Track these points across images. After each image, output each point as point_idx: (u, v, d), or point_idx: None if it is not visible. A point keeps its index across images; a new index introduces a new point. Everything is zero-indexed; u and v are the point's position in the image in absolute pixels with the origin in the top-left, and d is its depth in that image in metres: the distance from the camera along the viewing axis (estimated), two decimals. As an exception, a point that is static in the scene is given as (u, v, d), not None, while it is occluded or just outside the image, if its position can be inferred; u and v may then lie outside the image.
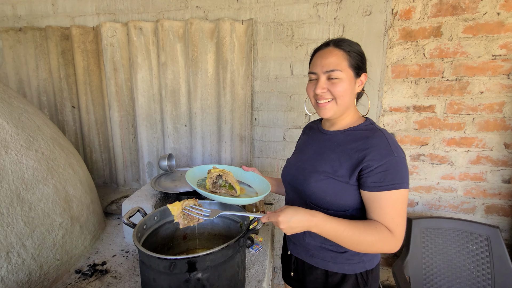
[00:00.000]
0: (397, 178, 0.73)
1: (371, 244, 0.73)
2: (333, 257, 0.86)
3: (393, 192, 0.72)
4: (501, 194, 1.53)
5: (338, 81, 0.79)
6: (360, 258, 0.85)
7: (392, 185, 0.72)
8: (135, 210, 0.89)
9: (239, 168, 1.09)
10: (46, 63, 1.80)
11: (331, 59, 0.79)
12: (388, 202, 0.73)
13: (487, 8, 1.35)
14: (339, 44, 0.80)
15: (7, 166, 0.86)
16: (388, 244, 0.73)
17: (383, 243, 0.72)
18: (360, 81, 0.83)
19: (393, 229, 0.73)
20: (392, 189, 0.72)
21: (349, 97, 0.82)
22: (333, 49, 0.80)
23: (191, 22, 1.53)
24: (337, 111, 0.83)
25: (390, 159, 0.73)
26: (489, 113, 1.46)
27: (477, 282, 1.38)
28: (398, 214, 0.73)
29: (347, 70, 0.79)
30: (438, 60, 1.46)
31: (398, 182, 0.72)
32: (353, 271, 0.85)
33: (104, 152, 1.92)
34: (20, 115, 1.02)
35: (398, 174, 0.73)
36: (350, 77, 0.80)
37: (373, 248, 0.73)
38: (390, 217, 0.73)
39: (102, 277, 0.99)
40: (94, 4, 1.72)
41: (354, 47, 0.81)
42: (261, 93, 1.66)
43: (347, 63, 0.79)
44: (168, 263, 0.70)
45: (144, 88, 1.68)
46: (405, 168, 0.75)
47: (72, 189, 1.09)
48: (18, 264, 0.83)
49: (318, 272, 0.89)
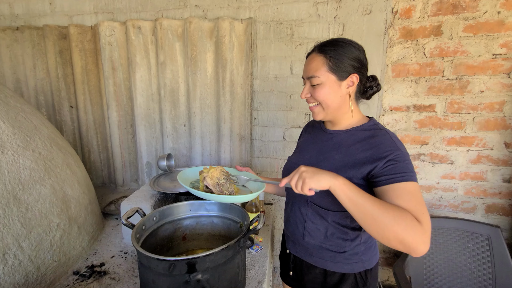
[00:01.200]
0: (408, 170, 0.70)
1: (394, 224, 0.62)
2: (332, 256, 0.85)
3: (407, 183, 0.69)
4: (501, 194, 1.52)
5: (318, 86, 0.80)
6: (359, 258, 0.84)
7: (405, 176, 0.69)
8: (134, 211, 0.88)
9: (233, 168, 1.06)
10: (43, 62, 1.78)
11: (311, 65, 0.81)
12: (404, 191, 0.68)
13: (487, 7, 1.35)
14: (323, 48, 0.81)
15: (4, 166, 0.85)
16: (414, 233, 0.61)
17: (406, 224, 0.62)
18: (350, 82, 0.80)
19: (419, 217, 0.64)
20: (406, 180, 0.69)
21: (335, 101, 0.81)
22: (315, 55, 0.82)
23: (190, 21, 1.52)
24: (326, 114, 0.84)
25: (397, 153, 0.73)
26: (489, 112, 1.45)
27: (478, 281, 1.38)
28: (420, 203, 0.67)
29: (326, 75, 0.79)
30: (439, 59, 1.45)
31: (410, 174, 0.70)
32: (352, 270, 0.85)
33: (102, 152, 1.90)
34: (17, 115, 1.00)
35: (408, 167, 0.71)
36: (331, 81, 0.79)
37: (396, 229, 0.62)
38: (412, 205, 0.65)
39: (100, 278, 0.98)
40: (92, 3, 1.70)
41: (339, 50, 0.79)
42: (261, 93, 1.65)
43: (326, 67, 0.79)
44: (168, 264, 0.68)
45: (143, 88, 1.67)
46: (411, 163, 0.73)
47: (70, 190, 1.07)
48: (14, 265, 0.82)
49: (316, 271, 0.89)
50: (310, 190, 0.69)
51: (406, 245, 0.62)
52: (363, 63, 0.82)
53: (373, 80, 0.85)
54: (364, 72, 0.83)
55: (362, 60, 0.81)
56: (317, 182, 0.67)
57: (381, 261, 1.75)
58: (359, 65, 0.81)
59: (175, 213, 0.99)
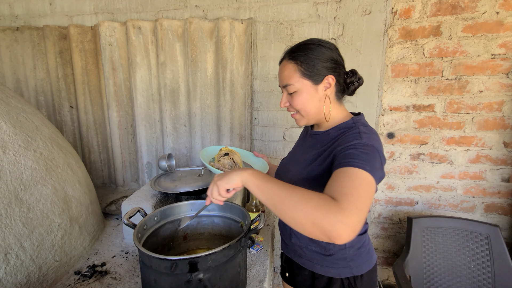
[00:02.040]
0: (359, 158, 0.65)
1: (303, 202, 0.57)
2: (320, 259, 0.85)
3: (351, 168, 0.63)
4: (500, 193, 1.53)
5: (295, 94, 0.79)
6: (346, 263, 0.83)
7: (351, 162, 0.64)
8: (135, 211, 0.88)
9: (251, 153, 1.16)
10: (43, 62, 1.78)
11: (284, 73, 0.80)
12: (342, 174, 0.63)
13: (486, 7, 1.36)
14: (292, 54, 0.79)
15: (5, 166, 0.85)
16: (327, 210, 0.54)
17: (317, 202, 0.56)
18: (327, 84, 0.78)
19: (337, 197, 0.57)
20: (350, 165, 0.63)
21: (314, 106, 0.80)
22: (286, 62, 0.80)
23: (190, 22, 1.53)
24: (308, 120, 0.83)
25: (356, 142, 0.69)
26: (488, 112, 1.46)
27: (477, 280, 1.38)
28: (352, 187, 0.59)
29: (300, 81, 0.78)
30: (438, 59, 1.46)
31: (359, 161, 0.63)
32: (338, 275, 0.83)
33: (102, 152, 1.90)
34: (18, 115, 1.00)
35: (362, 155, 0.65)
36: (307, 87, 0.78)
37: (305, 208, 0.56)
38: (338, 187, 0.60)
39: (101, 278, 0.98)
40: (92, 3, 1.70)
41: (309, 54, 0.76)
42: (261, 93, 1.65)
43: (299, 74, 0.77)
44: (169, 264, 0.69)
45: (143, 88, 1.67)
46: (372, 156, 0.67)
47: (71, 190, 1.08)
48: (16, 265, 0.82)
49: (305, 273, 0.90)
50: (228, 192, 0.73)
51: (320, 226, 0.55)
52: (337, 61, 0.79)
53: (353, 75, 0.81)
54: (341, 71, 0.80)
55: (335, 59, 0.78)
56: (227, 181, 0.69)
57: (381, 260, 1.75)
58: (333, 65, 0.78)
59: (176, 212, 0.99)
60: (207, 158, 1.07)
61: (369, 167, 0.63)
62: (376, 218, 1.72)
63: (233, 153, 1.02)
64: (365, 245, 0.86)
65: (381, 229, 1.72)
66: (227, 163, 0.98)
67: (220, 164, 0.98)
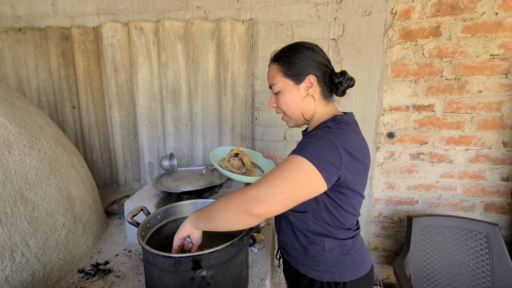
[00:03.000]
0: (303, 148, 0.67)
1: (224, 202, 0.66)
2: (302, 259, 0.86)
3: (289, 157, 0.67)
4: (499, 192, 1.54)
5: (280, 94, 0.83)
6: (327, 267, 0.82)
7: (293, 151, 0.68)
8: (139, 209, 0.90)
9: (260, 153, 1.16)
10: (46, 63, 1.79)
11: (269, 74, 0.85)
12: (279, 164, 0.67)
13: (485, 8, 1.37)
14: (276, 56, 0.83)
15: (10, 166, 0.86)
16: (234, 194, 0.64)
17: (230, 195, 0.66)
18: (309, 83, 0.79)
19: (255, 184, 0.64)
20: (291, 154, 0.68)
21: (296, 106, 0.82)
22: (271, 65, 0.84)
23: (192, 22, 1.54)
24: (296, 121, 0.86)
25: (312, 135, 0.71)
26: (487, 112, 1.47)
27: (476, 278, 1.40)
28: (276, 169, 0.65)
29: (283, 80, 0.81)
30: (437, 59, 1.47)
31: (300, 150, 0.66)
32: (319, 277, 0.83)
33: (104, 152, 1.92)
34: (23, 115, 1.01)
35: (307, 145, 0.67)
36: (289, 86, 0.81)
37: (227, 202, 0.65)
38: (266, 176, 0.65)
39: (105, 276, 0.99)
40: (94, 4, 1.72)
41: (290, 55, 0.80)
42: (262, 93, 1.67)
43: (281, 74, 0.81)
44: (173, 261, 0.70)
45: (145, 88, 1.68)
46: (321, 146, 0.67)
47: (75, 189, 1.09)
48: (22, 263, 0.83)
49: (292, 270, 0.91)
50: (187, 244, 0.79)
51: (234, 207, 0.64)
52: (319, 62, 0.80)
53: (342, 76, 0.81)
54: (325, 71, 0.81)
55: (317, 59, 0.80)
56: (179, 234, 0.75)
57: (381, 259, 1.76)
58: (315, 64, 0.79)
59: (178, 211, 1.00)
60: (217, 158, 1.08)
61: (310, 154, 0.64)
62: (376, 217, 1.73)
63: (243, 154, 1.03)
64: (351, 253, 0.82)
65: (381, 228, 1.74)
66: (236, 164, 0.99)
67: (229, 164, 0.99)
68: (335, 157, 0.67)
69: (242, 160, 1.01)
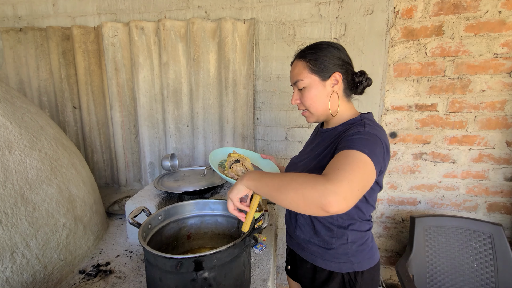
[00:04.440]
0: (358, 143, 0.67)
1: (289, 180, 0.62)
2: (321, 253, 0.87)
3: (348, 151, 0.66)
4: (503, 192, 1.53)
5: (305, 90, 0.83)
6: (347, 258, 0.84)
7: (350, 146, 0.67)
8: (140, 210, 0.89)
9: (258, 154, 1.15)
10: (47, 63, 1.79)
11: (294, 71, 0.85)
12: (339, 156, 0.65)
13: (488, 6, 1.36)
14: (302, 54, 0.84)
15: (11, 166, 0.85)
16: (313, 180, 0.58)
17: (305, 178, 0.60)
18: (335, 81, 0.81)
19: (328, 172, 0.60)
20: (348, 148, 0.66)
21: (321, 103, 0.83)
22: (296, 62, 0.85)
23: (193, 22, 1.53)
24: (318, 116, 0.86)
25: (358, 130, 0.73)
26: (490, 111, 1.46)
27: (480, 279, 1.38)
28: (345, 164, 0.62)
29: (309, 76, 0.81)
30: (440, 58, 1.46)
31: (357, 145, 0.66)
32: (339, 269, 0.85)
33: (105, 152, 1.91)
34: (23, 115, 1.01)
35: (361, 141, 0.68)
36: (316, 82, 0.81)
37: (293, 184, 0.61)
38: (333, 166, 0.62)
39: (106, 277, 0.99)
40: (95, 4, 1.71)
41: (317, 52, 0.81)
42: (263, 93, 1.66)
43: (308, 70, 0.82)
44: (175, 262, 0.69)
45: (146, 88, 1.68)
46: (373, 142, 0.69)
47: (75, 189, 1.08)
48: (22, 264, 0.82)
49: (308, 266, 0.91)
50: (242, 203, 0.75)
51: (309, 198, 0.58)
52: (344, 60, 0.83)
53: (362, 75, 0.85)
54: (348, 69, 0.84)
55: (342, 58, 0.82)
56: (236, 192, 0.73)
57: (383, 260, 1.75)
58: (340, 62, 0.82)
59: (180, 212, 1.00)
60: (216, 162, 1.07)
61: (368, 151, 0.65)
62: (379, 217, 1.72)
63: (243, 159, 1.02)
64: (367, 243, 0.86)
65: (384, 229, 1.72)
66: (239, 170, 0.99)
67: (233, 172, 0.98)
68: (382, 152, 0.70)
69: (245, 165, 1.01)
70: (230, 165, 1.00)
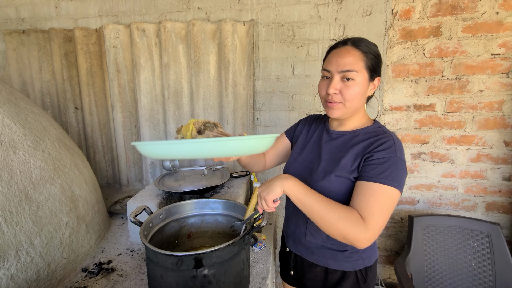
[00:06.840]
0: (392, 176, 0.71)
1: (338, 223, 0.68)
2: (334, 255, 0.86)
3: (382, 186, 0.70)
4: (501, 192, 1.54)
5: (352, 83, 0.76)
6: (359, 256, 0.85)
7: (384, 180, 0.70)
8: (141, 209, 0.91)
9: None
10: (49, 65, 1.81)
11: (347, 58, 0.76)
12: (373, 193, 0.70)
13: (486, 7, 1.37)
14: (357, 43, 0.77)
15: (15, 166, 0.87)
16: (357, 231, 0.67)
17: (349, 223, 0.68)
18: (373, 84, 0.81)
19: (365, 217, 0.68)
20: (383, 183, 0.70)
21: (359, 100, 0.79)
22: (350, 49, 0.77)
23: (193, 24, 1.55)
24: (345, 112, 0.81)
25: (390, 156, 0.73)
26: (488, 111, 1.47)
27: (478, 278, 1.39)
28: (379, 207, 0.69)
29: (363, 72, 0.76)
30: (438, 59, 1.47)
31: (391, 180, 0.70)
32: (353, 268, 0.86)
33: (107, 152, 1.93)
34: (27, 116, 1.03)
35: (394, 173, 0.71)
36: (365, 79, 0.77)
37: (340, 227, 0.68)
38: (368, 206, 0.69)
39: (108, 275, 1.01)
40: (97, 6, 1.73)
41: (371, 48, 0.78)
42: (263, 93, 1.67)
43: (363, 64, 0.76)
44: (176, 260, 0.71)
45: (147, 89, 1.70)
46: (403, 172, 0.73)
47: (78, 189, 1.10)
48: (27, 262, 0.84)
49: (318, 269, 0.90)
50: (275, 202, 0.77)
51: (348, 240, 0.69)
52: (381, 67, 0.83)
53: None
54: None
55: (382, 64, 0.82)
56: (272, 192, 0.74)
57: (382, 259, 1.77)
58: (380, 69, 0.81)
59: (180, 211, 1.02)
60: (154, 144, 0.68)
61: (397, 183, 0.71)
62: (378, 217, 1.73)
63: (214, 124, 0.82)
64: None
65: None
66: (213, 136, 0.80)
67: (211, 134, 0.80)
68: (405, 176, 0.75)
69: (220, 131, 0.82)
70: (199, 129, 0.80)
